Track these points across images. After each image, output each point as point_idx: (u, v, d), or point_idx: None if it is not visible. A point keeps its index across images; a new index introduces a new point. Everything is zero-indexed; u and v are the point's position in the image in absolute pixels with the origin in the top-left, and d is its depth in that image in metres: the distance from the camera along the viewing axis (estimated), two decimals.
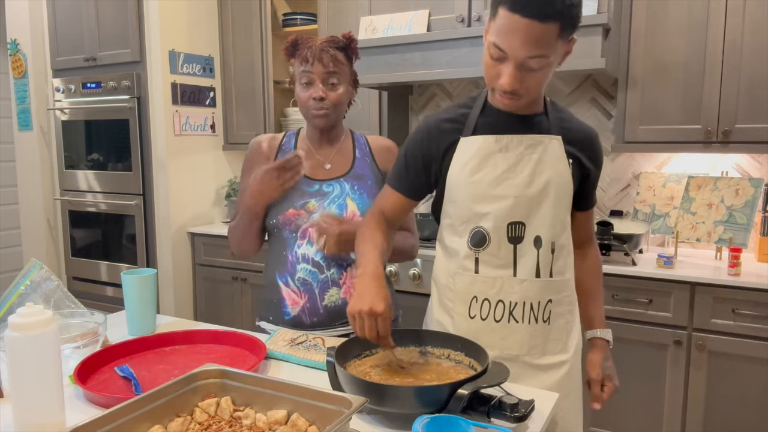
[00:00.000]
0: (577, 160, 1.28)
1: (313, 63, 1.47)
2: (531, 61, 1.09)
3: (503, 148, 1.23)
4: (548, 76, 1.15)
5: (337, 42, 1.50)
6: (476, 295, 1.27)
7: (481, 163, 1.24)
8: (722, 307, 2.24)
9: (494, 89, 1.18)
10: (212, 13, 3.52)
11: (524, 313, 1.25)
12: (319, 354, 1.31)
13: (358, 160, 1.59)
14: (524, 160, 1.23)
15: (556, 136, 1.25)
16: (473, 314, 1.28)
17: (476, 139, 1.25)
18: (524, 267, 1.24)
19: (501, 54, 1.11)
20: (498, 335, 1.26)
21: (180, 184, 3.41)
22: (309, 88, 1.49)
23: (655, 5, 2.47)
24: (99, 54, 3.45)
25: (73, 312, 1.41)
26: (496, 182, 1.23)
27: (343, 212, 1.51)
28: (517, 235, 1.24)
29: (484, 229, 1.24)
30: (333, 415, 0.89)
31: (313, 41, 1.50)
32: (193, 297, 3.55)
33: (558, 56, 1.13)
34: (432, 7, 2.68)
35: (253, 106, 3.50)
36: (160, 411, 0.94)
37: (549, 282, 1.26)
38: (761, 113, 2.34)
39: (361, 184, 1.55)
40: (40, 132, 3.77)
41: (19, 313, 0.95)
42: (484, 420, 0.99)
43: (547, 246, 1.25)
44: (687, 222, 2.60)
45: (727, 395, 2.26)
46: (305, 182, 1.54)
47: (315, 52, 1.47)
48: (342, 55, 1.50)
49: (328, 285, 1.50)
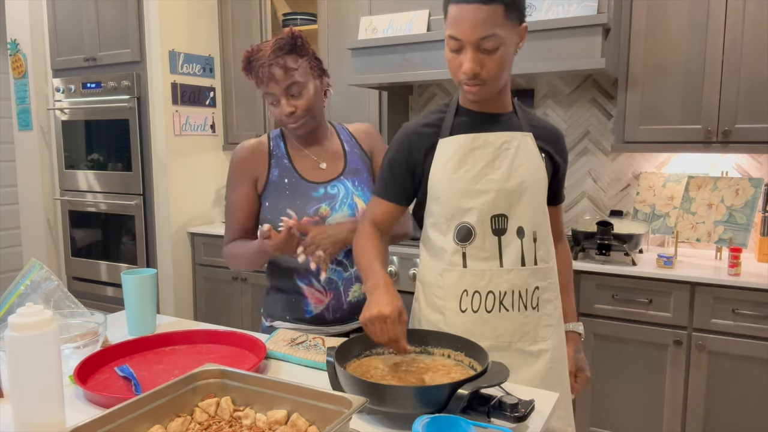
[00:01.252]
0: (548, 154, 1.36)
1: (268, 84, 1.44)
2: (485, 42, 1.18)
3: (480, 145, 1.30)
4: (506, 61, 1.22)
5: (282, 48, 1.44)
6: (466, 289, 1.31)
7: (461, 160, 1.30)
8: (722, 307, 2.23)
9: (461, 83, 1.25)
10: (212, 13, 3.52)
11: (513, 301, 1.30)
12: (319, 354, 1.31)
13: (349, 153, 1.59)
14: (501, 155, 1.30)
15: (528, 133, 1.33)
16: (464, 308, 1.31)
17: (454, 138, 1.31)
18: (509, 257, 1.30)
19: (457, 43, 1.20)
20: (490, 325, 1.30)
21: (180, 184, 3.41)
22: (277, 106, 1.47)
23: (655, 5, 2.47)
24: (99, 54, 3.45)
25: (73, 312, 1.41)
26: (477, 178, 1.29)
27: (354, 212, 1.51)
28: (501, 227, 1.30)
29: (469, 224, 1.30)
30: (333, 415, 0.89)
31: (262, 55, 1.44)
32: (193, 297, 3.55)
33: (511, 40, 1.21)
34: (432, 7, 2.68)
35: (253, 106, 3.50)
36: (160, 411, 0.94)
37: (534, 270, 1.31)
38: (761, 113, 2.34)
39: (359, 179, 1.56)
40: (40, 132, 3.77)
41: (19, 313, 0.95)
42: (484, 420, 0.99)
43: (530, 235, 1.31)
44: (687, 222, 2.60)
45: (727, 395, 2.26)
46: (309, 187, 1.52)
47: (265, 72, 1.43)
48: (292, 59, 1.44)
49: (351, 281, 1.53)
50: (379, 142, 1.66)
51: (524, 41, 1.26)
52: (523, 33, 1.25)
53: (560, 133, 1.41)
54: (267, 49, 1.45)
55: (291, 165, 1.54)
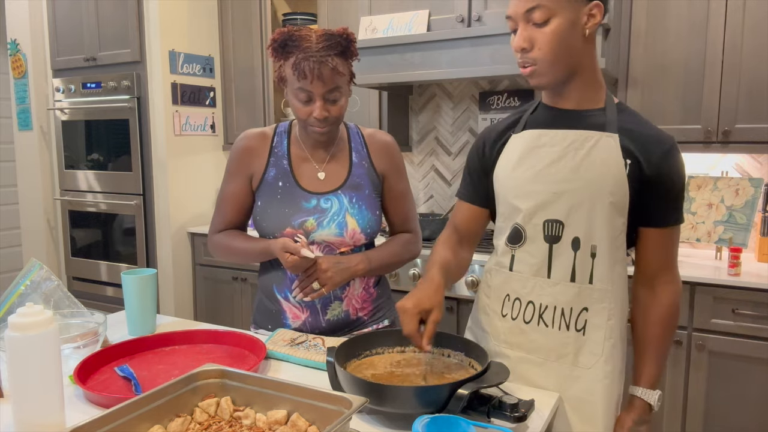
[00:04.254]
0: (636, 161, 1.14)
1: (312, 80, 1.30)
2: (532, 15, 1.10)
3: (546, 143, 1.19)
4: (563, 38, 1.10)
5: (334, 45, 1.31)
6: (509, 294, 1.25)
7: (523, 157, 1.21)
8: (722, 307, 2.23)
9: (520, 68, 1.17)
10: (212, 13, 3.52)
11: (554, 317, 1.19)
12: (319, 354, 1.31)
13: (355, 166, 1.48)
14: (569, 155, 1.16)
15: (612, 134, 1.15)
16: (505, 313, 1.25)
17: (523, 134, 1.23)
18: (559, 269, 1.18)
19: (512, 23, 1.14)
20: (527, 337, 1.22)
21: (180, 184, 3.41)
22: (308, 104, 1.35)
23: (655, 5, 2.47)
24: (99, 54, 3.45)
25: (73, 312, 1.41)
26: (536, 177, 1.18)
27: (343, 231, 1.43)
28: (554, 234, 1.17)
29: (520, 226, 1.21)
30: (333, 415, 0.89)
31: (307, 43, 1.30)
32: (193, 297, 3.55)
33: (569, 15, 1.09)
34: (432, 7, 2.68)
35: (253, 106, 3.50)
36: (160, 411, 0.94)
37: (586, 288, 1.17)
38: (761, 113, 2.34)
39: (359, 196, 1.46)
40: (40, 132, 3.77)
41: (19, 313, 0.95)
42: (484, 420, 0.99)
43: (586, 249, 1.16)
44: (687, 222, 2.59)
45: (727, 395, 2.26)
46: (302, 196, 1.44)
47: (313, 66, 1.28)
48: (341, 62, 1.33)
49: (330, 300, 1.46)
50: (397, 163, 1.54)
51: (597, 21, 1.11)
52: (596, 11, 1.11)
53: (666, 142, 1.16)
54: (313, 40, 1.30)
55: (289, 168, 1.47)
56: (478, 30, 2.50)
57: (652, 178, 1.15)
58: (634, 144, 1.15)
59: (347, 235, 1.43)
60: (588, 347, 1.19)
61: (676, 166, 1.17)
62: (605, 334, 1.18)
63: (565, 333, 1.19)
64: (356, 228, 1.44)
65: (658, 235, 1.20)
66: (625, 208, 1.16)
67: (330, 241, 1.43)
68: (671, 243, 1.22)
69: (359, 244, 1.46)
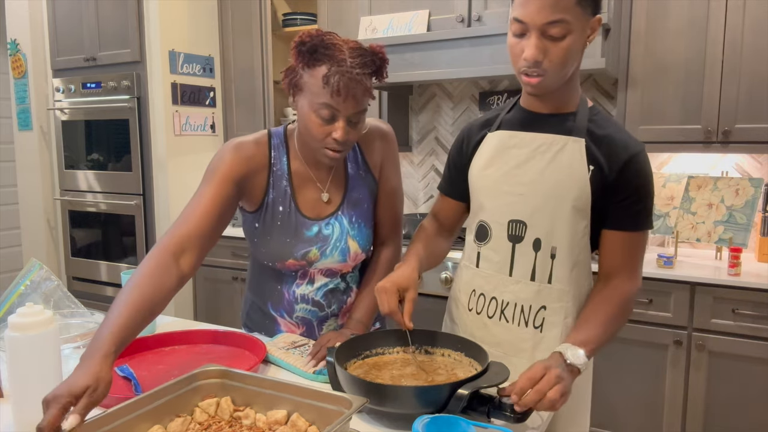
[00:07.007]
0: (599, 167, 1.15)
1: (345, 99, 1.15)
2: (551, 29, 1.07)
3: (516, 144, 1.22)
4: (573, 52, 1.10)
5: (369, 64, 1.18)
6: (475, 289, 1.30)
7: (494, 157, 1.25)
8: (722, 307, 2.23)
9: (520, 73, 1.14)
10: (212, 13, 3.52)
11: (515, 314, 1.24)
12: (303, 360, 1.28)
13: (352, 178, 1.38)
14: (536, 158, 1.19)
15: (579, 139, 1.17)
16: (471, 307, 1.31)
17: (497, 134, 1.26)
18: (520, 268, 1.22)
19: (521, 27, 1.09)
20: (489, 331, 1.28)
21: (180, 184, 3.41)
22: (329, 123, 1.19)
23: (655, 5, 2.47)
24: (99, 54, 3.45)
25: (73, 312, 1.41)
26: (504, 178, 1.22)
27: (346, 257, 1.37)
28: (517, 234, 1.22)
29: (486, 224, 1.26)
30: (333, 415, 0.89)
31: (341, 55, 1.16)
32: (193, 297, 3.55)
33: (581, 31, 1.09)
34: (432, 7, 2.68)
35: (253, 106, 3.49)
36: (160, 411, 0.94)
37: (545, 287, 1.21)
38: (761, 113, 2.34)
39: (357, 213, 1.38)
40: (40, 132, 3.77)
41: (19, 313, 0.95)
42: (484, 420, 0.99)
43: (546, 250, 1.19)
44: (687, 222, 2.59)
45: (727, 395, 2.26)
46: (303, 223, 1.33)
47: (348, 83, 1.14)
48: (371, 83, 1.21)
49: (327, 318, 1.44)
50: (392, 153, 1.43)
51: (596, 35, 1.13)
52: (596, 26, 1.12)
53: (631, 149, 1.15)
54: (345, 53, 1.17)
55: (290, 190, 1.33)
56: (478, 30, 2.50)
57: (613, 184, 1.15)
58: (600, 149, 1.16)
59: (350, 259, 1.39)
60: (545, 343, 1.22)
61: (641, 173, 1.16)
62: (561, 331, 1.21)
63: (524, 329, 1.23)
64: (358, 250, 1.39)
65: (619, 238, 1.20)
66: (587, 211, 1.17)
67: (333, 267, 1.40)
68: (634, 248, 1.20)
69: (359, 262, 1.45)
